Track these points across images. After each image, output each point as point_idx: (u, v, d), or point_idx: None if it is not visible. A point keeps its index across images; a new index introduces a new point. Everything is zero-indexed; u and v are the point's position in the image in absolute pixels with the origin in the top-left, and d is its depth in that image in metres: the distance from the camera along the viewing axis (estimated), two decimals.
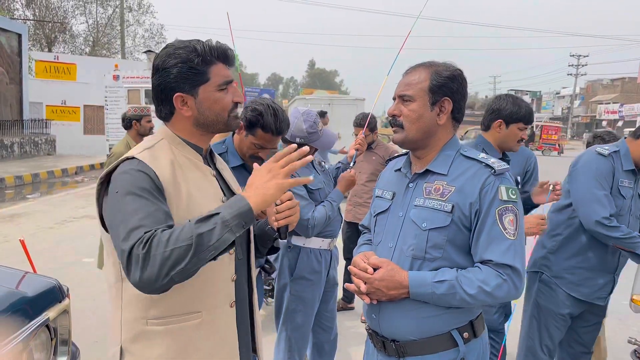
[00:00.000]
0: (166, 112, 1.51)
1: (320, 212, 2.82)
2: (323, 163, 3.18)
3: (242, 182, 2.47)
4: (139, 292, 1.30)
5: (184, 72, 1.43)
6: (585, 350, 2.90)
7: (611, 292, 2.80)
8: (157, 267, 1.19)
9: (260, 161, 2.50)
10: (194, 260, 1.21)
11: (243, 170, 2.50)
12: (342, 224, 3.24)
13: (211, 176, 1.55)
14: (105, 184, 1.40)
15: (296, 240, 2.94)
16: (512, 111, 2.73)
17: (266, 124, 2.42)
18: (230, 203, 1.29)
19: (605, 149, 2.77)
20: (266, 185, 1.33)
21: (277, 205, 1.65)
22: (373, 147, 4.92)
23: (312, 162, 3.00)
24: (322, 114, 8.29)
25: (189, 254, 1.20)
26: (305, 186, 2.82)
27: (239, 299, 1.56)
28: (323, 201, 2.92)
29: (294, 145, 1.39)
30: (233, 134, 2.61)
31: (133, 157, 1.40)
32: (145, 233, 1.22)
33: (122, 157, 1.41)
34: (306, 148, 1.37)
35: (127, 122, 4.76)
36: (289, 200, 1.65)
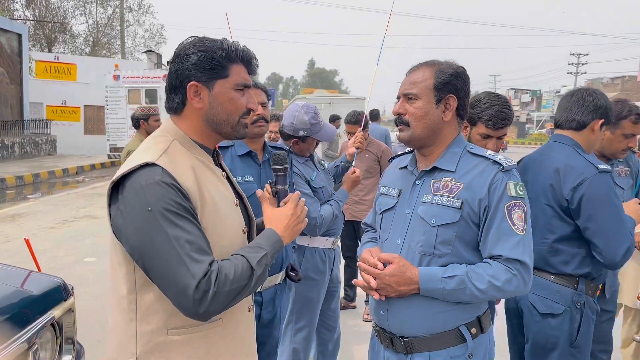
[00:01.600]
0: (177, 102, 1.42)
1: (327, 211, 2.82)
2: (322, 162, 3.19)
3: (248, 170, 2.49)
4: (159, 303, 1.33)
5: (204, 61, 1.38)
6: (603, 348, 2.79)
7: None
8: (223, 302, 1.28)
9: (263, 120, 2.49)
10: (249, 292, 1.36)
11: (249, 158, 2.50)
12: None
13: (223, 178, 1.51)
14: (120, 186, 1.33)
15: (301, 240, 2.94)
16: (617, 112, 2.36)
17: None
18: (271, 242, 1.44)
19: None
20: (295, 229, 1.54)
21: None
22: (365, 145, 4.92)
23: (313, 161, 3.01)
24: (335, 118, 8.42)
25: (247, 290, 1.34)
26: (309, 185, 2.83)
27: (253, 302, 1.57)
28: (329, 200, 2.92)
29: (298, 193, 1.61)
30: None
31: (154, 164, 1.31)
32: (209, 266, 1.26)
33: (140, 162, 1.31)
34: (303, 200, 1.60)
35: (136, 122, 4.81)
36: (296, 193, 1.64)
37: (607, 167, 2.22)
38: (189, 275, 1.24)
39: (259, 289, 2.39)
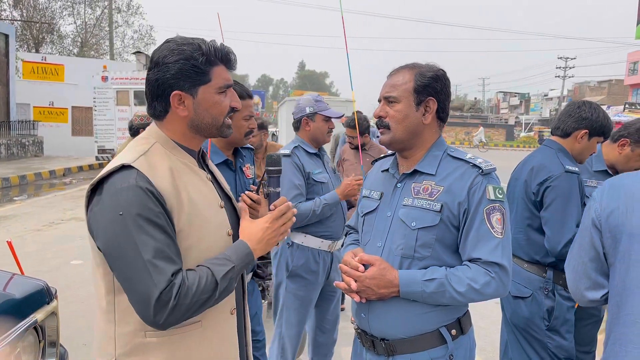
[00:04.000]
0: (160, 110, 1.42)
1: (305, 206, 2.83)
2: (332, 165, 3.23)
3: (225, 178, 2.48)
4: (133, 307, 1.31)
5: (186, 69, 1.37)
6: (587, 349, 2.86)
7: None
8: (182, 314, 1.28)
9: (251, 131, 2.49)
10: (213, 304, 1.36)
11: (225, 167, 2.50)
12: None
13: (207, 180, 1.50)
14: (96, 190, 1.34)
15: (295, 238, 2.96)
16: (602, 124, 2.54)
17: (240, 92, 2.37)
18: (241, 256, 1.42)
19: None
20: (270, 242, 1.50)
21: (270, 210, 1.62)
22: (366, 149, 4.94)
23: (321, 158, 3.08)
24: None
25: (211, 302, 1.34)
26: (307, 177, 2.90)
27: (237, 306, 1.55)
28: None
29: (289, 204, 1.54)
30: None
31: (130, 166, 1.32)
32: (172, 277, 1.26)
33: (117, 164, 1.32)
34: (292, 211, 1.55)
35: (135, 131, 4.73)
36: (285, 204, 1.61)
37: (574, 168, 2.45)
38: (152, 284, 1.24)
39: None
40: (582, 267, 1.53)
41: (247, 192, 1.73)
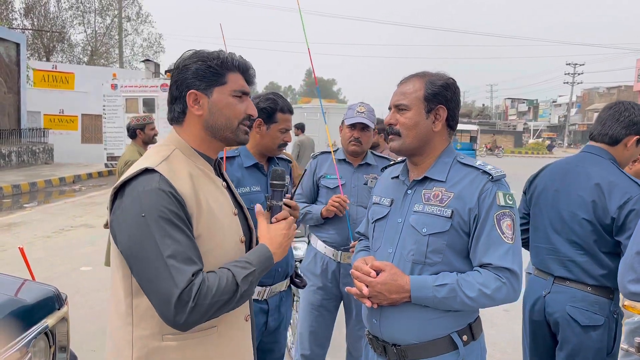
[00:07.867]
0: (178, 112, 1.49)
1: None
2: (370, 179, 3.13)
3: (255, 180, 2.55)
4: (154, 308, 1.33)
5: (201, 70, 1.45)
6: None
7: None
8: (202, 314, 1.29)
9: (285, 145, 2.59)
10: (233, 307, 1.37)
11: (256, 169, 2.56)
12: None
13: (223, 188, 1.55)
14: (120, 192, 1.37)
15: (311, 238, 3.06)
16: None
17: (283, 105, 2.56)
18: (261, 259, 1.45)
19: None
20: (286, 247, 1.55)
21: (272, 222, 1.63)
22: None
23: (354, 168, 3.06)
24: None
25: (232, 304, 1.35)
26: (321, 181, 3.01)
27: (251, 313, 1.58)
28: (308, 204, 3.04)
29: (289, 218, 1.61)
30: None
31: (154, 170, 1.36)
32: (192, 277, 1.28)
33: (141, 168, 1.37)
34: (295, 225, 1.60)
35: (132, 132, 4.84)
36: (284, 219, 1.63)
37: None
38: (173, 284, 1.26)
39: (265, 297, 2.40)
40: (631, 259, 1.52)
41: (284, 199, 1.73)
